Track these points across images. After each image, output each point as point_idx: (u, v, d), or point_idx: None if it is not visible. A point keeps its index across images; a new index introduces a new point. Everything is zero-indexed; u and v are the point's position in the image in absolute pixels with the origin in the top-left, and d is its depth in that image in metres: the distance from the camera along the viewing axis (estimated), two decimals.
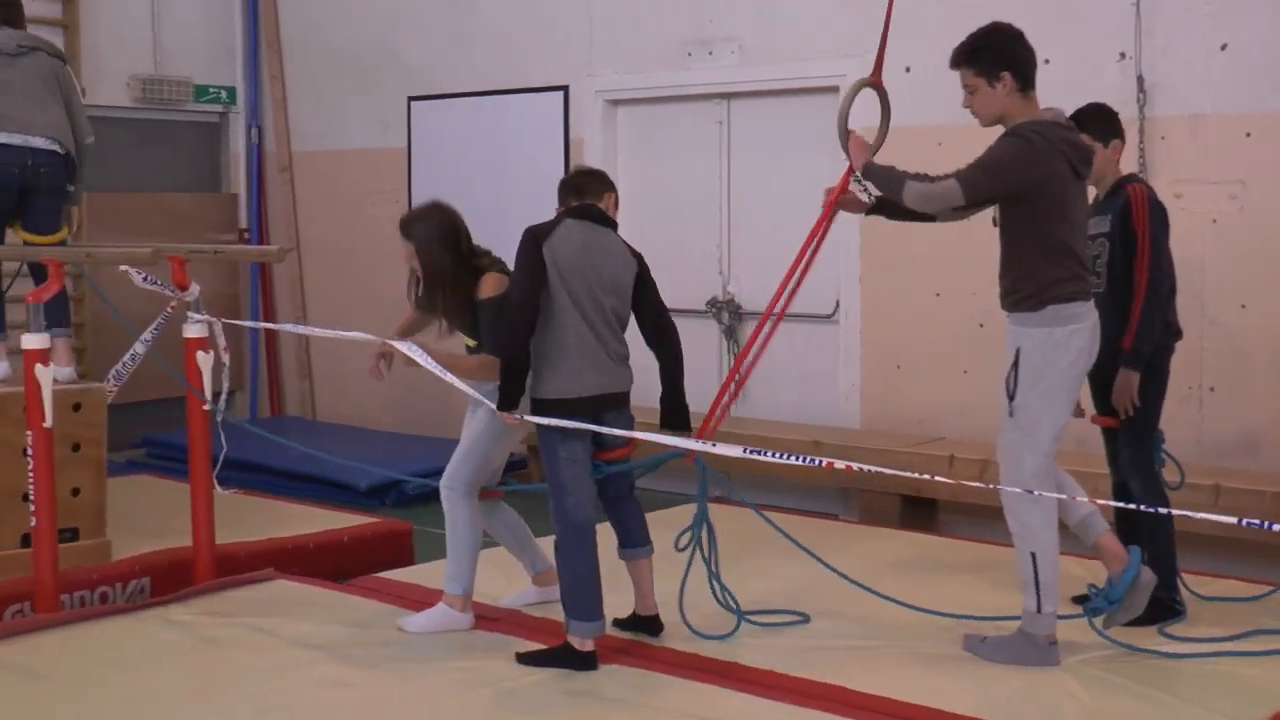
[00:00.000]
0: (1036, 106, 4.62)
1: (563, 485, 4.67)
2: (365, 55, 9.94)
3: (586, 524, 4.68)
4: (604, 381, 4.67)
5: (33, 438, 5.32)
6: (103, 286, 9.43)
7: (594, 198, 4.83)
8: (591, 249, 4.68)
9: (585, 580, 4.67)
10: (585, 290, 4.63)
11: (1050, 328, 4.51)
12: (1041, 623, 4.60)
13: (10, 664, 4.81)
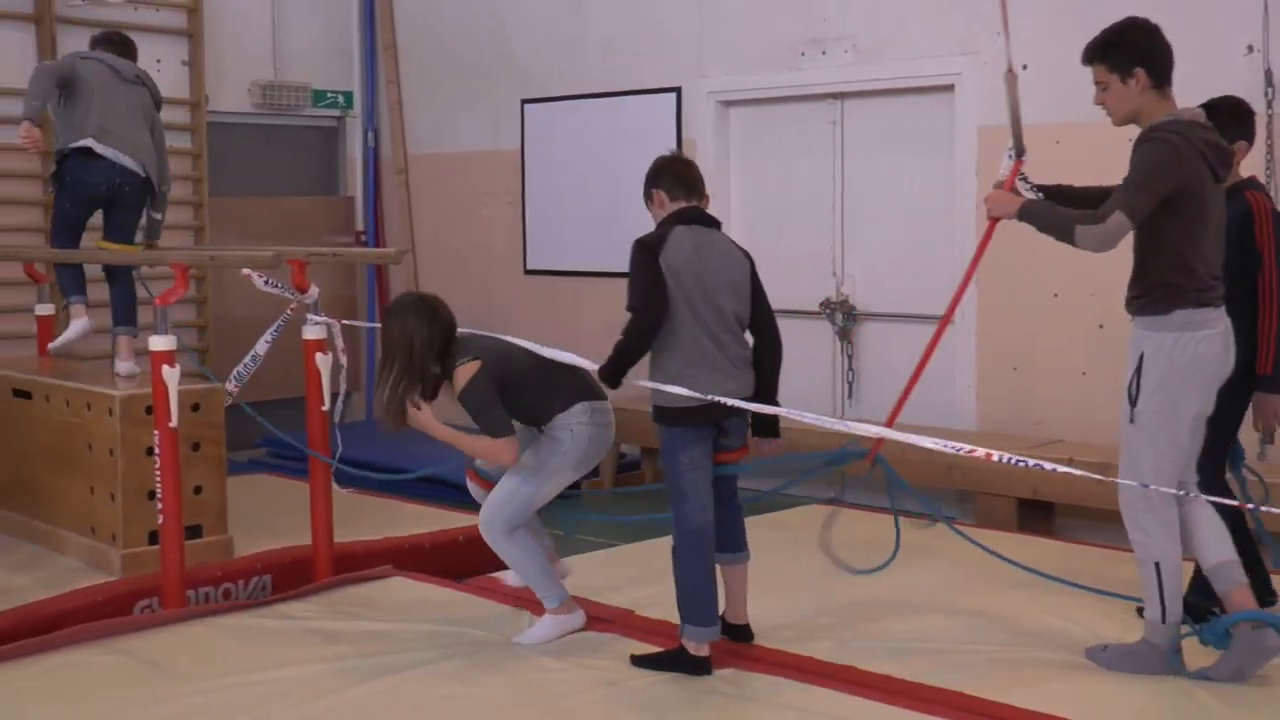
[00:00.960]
0: (1173, 105, 4.47)
1: (683, 491, 4.66)
2: (479, 58, 10.03)
3: (704, 529, 4.67)
4: (727, 387, 4.63)
5: (159, 437, 5.44)
6: (224, 288, 9.65)
7: (699, 197, 4.81)
8: (705, 253, 4.66)
9: (701, 585, 4.66)
10: (702, 297, 4.61)
11: (1179, 333, 4.38)
12: (1165, 632, 4.50)
13: (141, 657, 4.93)
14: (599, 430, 4.96)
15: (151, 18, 9.45)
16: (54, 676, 4.76)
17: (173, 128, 9.51)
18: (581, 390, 4.96)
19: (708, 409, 4.58)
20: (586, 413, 4.93)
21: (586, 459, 5.01)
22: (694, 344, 4.60)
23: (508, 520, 4.99)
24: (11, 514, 6.55)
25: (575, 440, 4.92)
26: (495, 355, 4.93)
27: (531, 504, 5.01)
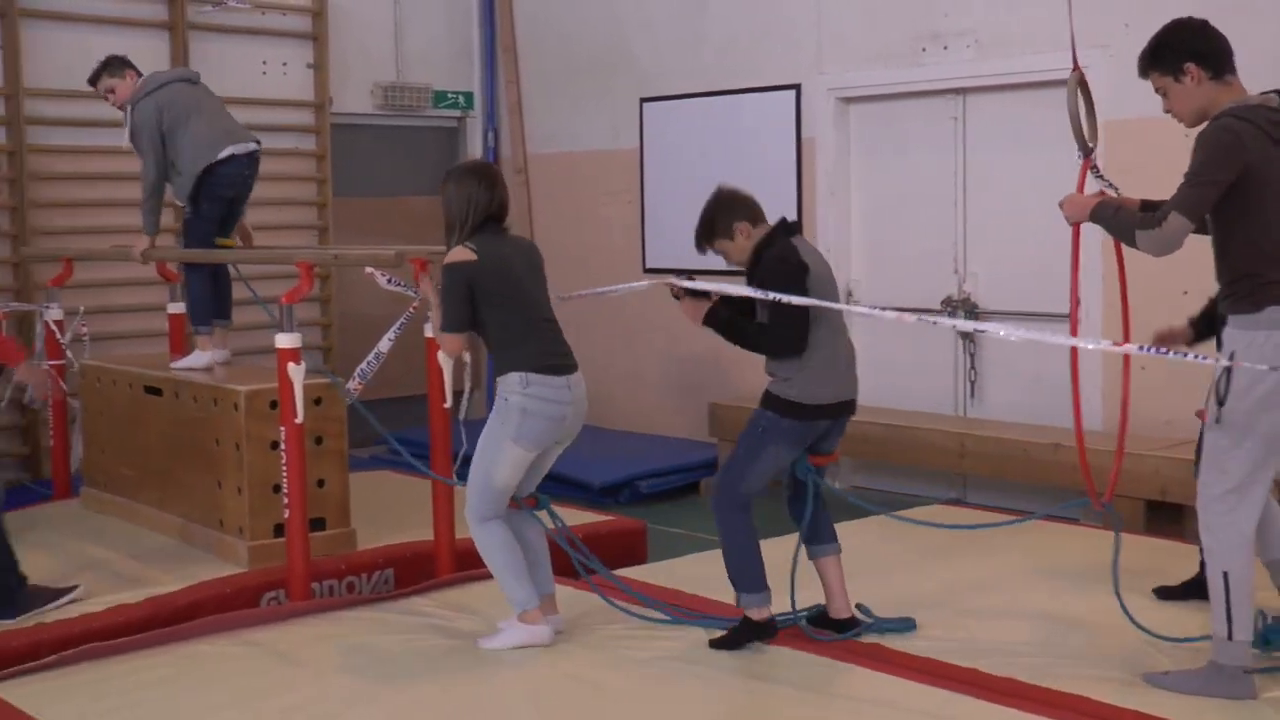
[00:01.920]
0: (1240, 92, 4.29)
1: (754, 470, 4.76)
2: (598, 58, 10.07)
3: (748, 505, 4.79)
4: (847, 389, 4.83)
5: (285, 432, 5.54)
6: (347, 287, 9.80)
7: (764, 220, 4.96)
8: (818, 258, 4.86)
9: (746, 554, 4.79)
10: (833, 299, 4.76)
11: (1270, 330, 4.16)
12: (1233, 651, 4.26)
13: (268, 648, 5.03)
14: (540, 405, 4.81)
15: (278, 22, 9.63)
16: (187, 665, 4.88)
17: (296, 129, 9.74)
18: (531, 360, 4.83)
19: (827, 409, 4.77)
20: (521, 384, 4.82)
21: (526, 434, 4.83)
22: (830, 343, 4.79)
23: (478, 504, 4.94)
24: (144, 506, 6.70)
25: (509, 409, 4.83)
26: (493, 265, 4.85)
27: (491, 483, 4.89)
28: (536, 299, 4.97)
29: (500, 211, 4.99)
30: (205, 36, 9.25)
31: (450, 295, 4.84)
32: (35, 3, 8.59)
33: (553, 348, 4.92)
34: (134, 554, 6.22)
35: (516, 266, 4.93)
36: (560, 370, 4.89)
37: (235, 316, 9.04)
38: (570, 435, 5.03)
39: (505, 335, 4.88)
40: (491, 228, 4.95)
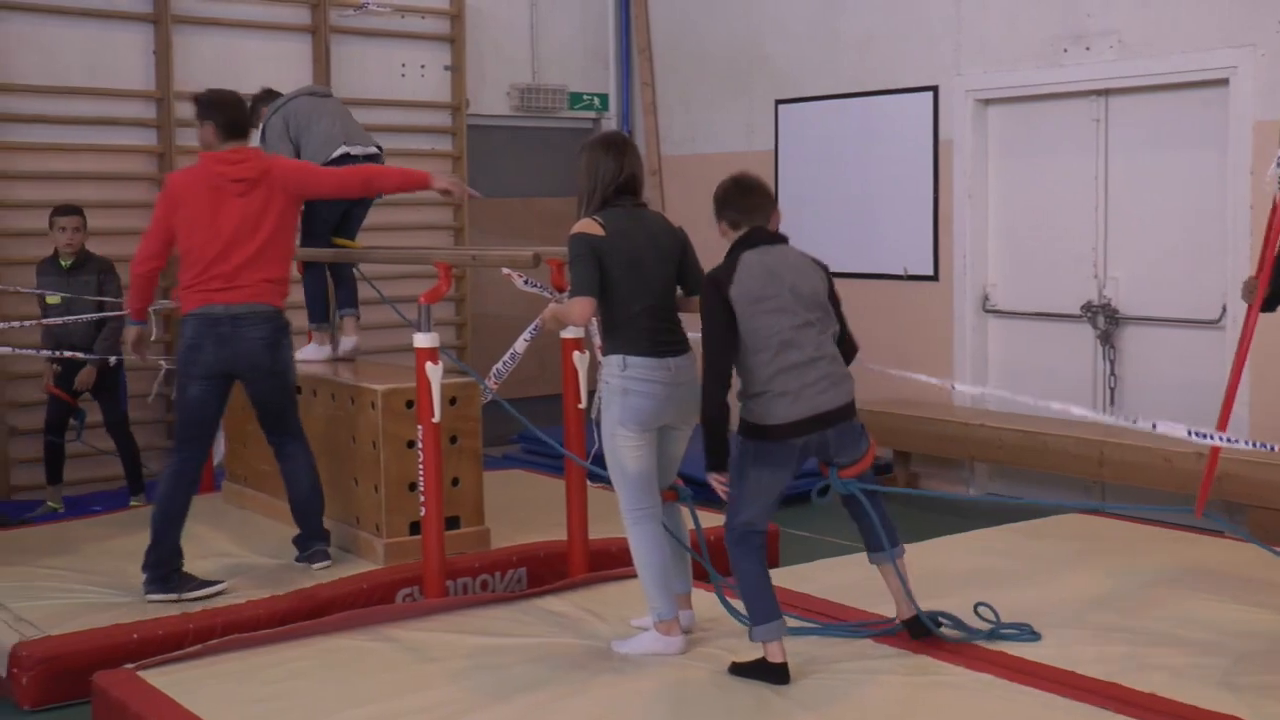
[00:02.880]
0: None
1: (744, 498, 4.63)
2: (734, 59, 10.05)
3: (748, 536, 4.65)
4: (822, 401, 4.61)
5: (422, 431, 5.61)
6: (482, 287, 9.91)
7: (763, 218, 4.75)
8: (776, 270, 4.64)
9: (755, 584, 4.65)
10: (778, 318, 4.57)
11: None
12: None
13: (404, 645, 5.10)
14: (638, 385, 4.79)
15: (417, 25, 9.77)
16: (326, 658, 4.97)
17: (434, 131, 9.87)
18: (631, 344, 4.80)
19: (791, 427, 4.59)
20: (620, 366, 4.82)
21: (630, 415, 4.81)
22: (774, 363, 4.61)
23: (622, 497, 4.93)
24: (283, 502, 6.80)
25: (611, 393, 4.84)
26: (616, 244, 4.80)
27: (623, 471, 4.88)
28: (653, 284, 4.87)
29: (630, 183, 4.92)
30: (346, 40, 9.42)
31: (578, 261, 4.78)
32: (186, 9, 8.81)
33: (656, 332, 4.85)
34: (273, 549, 6.34)
35: (641, 248, 4.86)
36: (661, 353, 4.83)
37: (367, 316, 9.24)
38: (685, 418, 4.95)
39: (613, 317, 4.86)
40: (624, 202, 4.90)
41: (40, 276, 7.66)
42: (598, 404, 5.70)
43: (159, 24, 8.69)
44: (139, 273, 5.96)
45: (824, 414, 4.60)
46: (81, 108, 8.51)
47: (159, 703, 4.51)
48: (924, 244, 8.82)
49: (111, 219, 8.47)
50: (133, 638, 5.19)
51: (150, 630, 5.25)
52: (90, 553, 6.46)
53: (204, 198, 5.77)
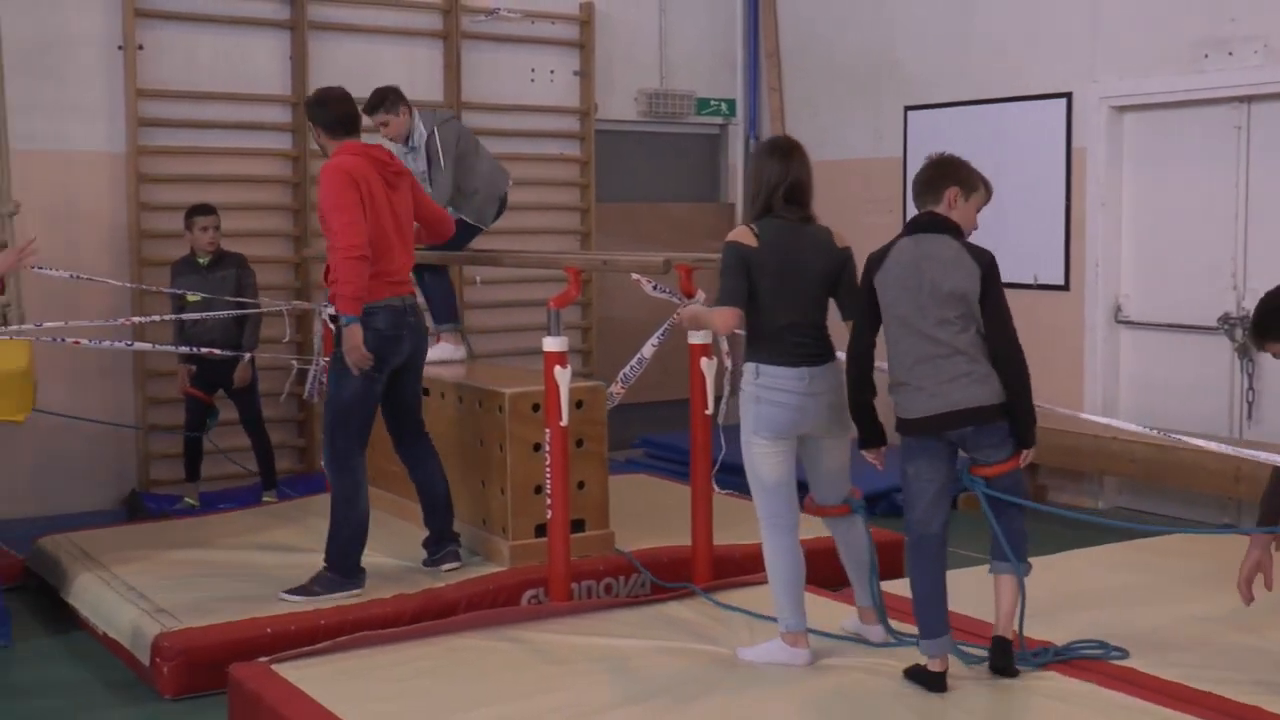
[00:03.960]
0: None
1: (909, 499, 4.65)
2: (862, 64, 9.98)
3: (922, 541, 4.62)
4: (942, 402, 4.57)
5: (550, 435, 5.65)
6: (608, 292, 9.95)
7: (932, 201, 4.70)
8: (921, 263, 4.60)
9: (923, 596, 4.63)
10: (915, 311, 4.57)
11: None
12: None
13: (529, 646, 5.14)
14: (771, 394, 4.77)
15: (547, 30, 9.84)
16: (452, 658, 5.03)
17: (562, 136, 9.94)
18: (768, 353, 4.79)
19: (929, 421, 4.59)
20: (753, 374, 4.82)
21: (763, 424, 4.78)
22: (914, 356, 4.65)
23: (759, 504, 4.90)
24: (411, 503, 6.89)
25: (745, 400, 4.85)
26: (769, 255, 4.78)
27: (759, 480, 4.84)
28: (801, 300, 4.84)
29: (795, 190, 4.88)
30: (476, 45, 9.52)
31: (727, 271, 4.80)
32: (322, 16, 8.97)
33: (797, 345, 4.82)
34: (402, 548, 6.42)
35: (795, 263, 4.83)
36: (796, 363, 4.80)
37: (492, 319, 9.34)
38: (824, 429, 4.91)
39: (756, 327, 4.87)
40: (790, 212, 4.88)
41: (177, 276, 7.84)
42: (725, 409, 5.72)
43: (296, 30, 8.86)
44: (358, 263, 5.60)
45: (961, 411, 4.56)
46: (220, 112, 8.70)
47: (292, 696, 4.60)
48: (1055, 253, 8.68)
49: (247, 221, 8.67)
50: (266, 632, 5.31)
51: (283, 625, 5.36)
52: (226, 547, 6.61)
53: (377, 185, 5.82)
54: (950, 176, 4.72)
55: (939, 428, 4.58)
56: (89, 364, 8.18)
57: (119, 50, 8.34)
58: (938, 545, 4.64)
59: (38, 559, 6.68)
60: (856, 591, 5.15)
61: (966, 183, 4.73)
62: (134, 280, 8.18)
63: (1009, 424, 4.62)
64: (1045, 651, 4.86)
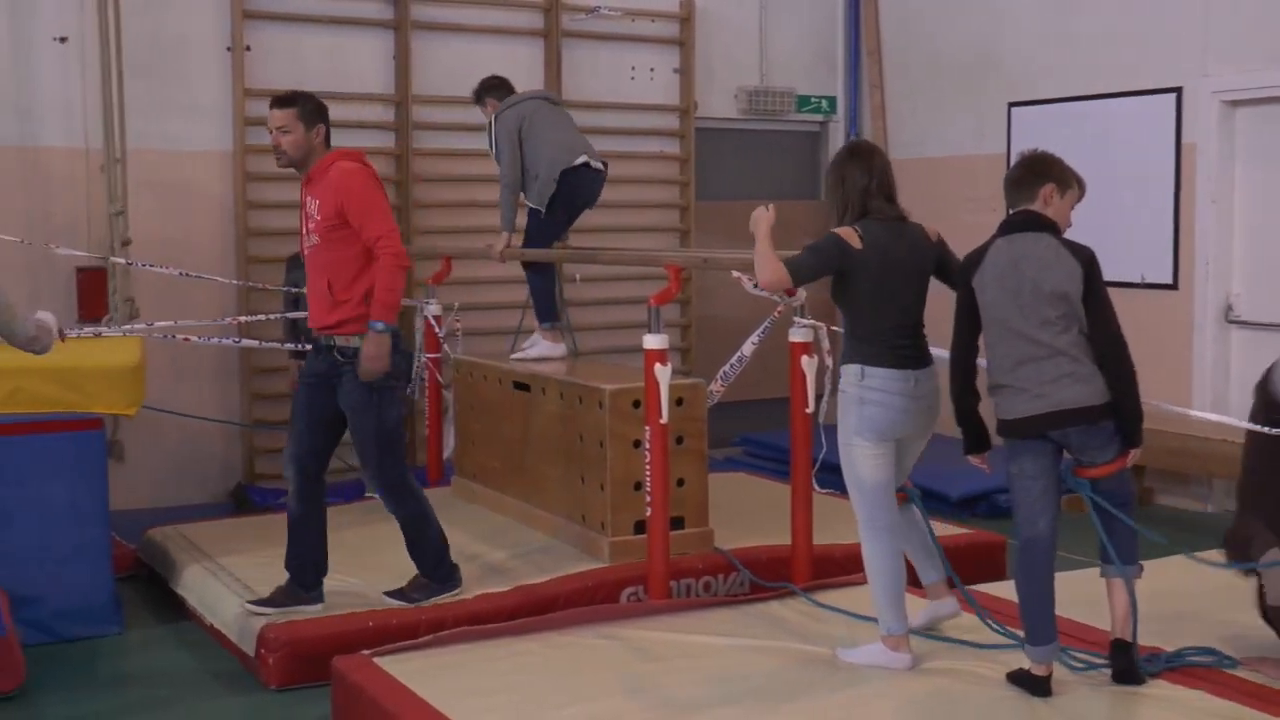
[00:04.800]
0: None
1: (1015, 500, 4.59)
2: (965, 61, 9.88)
3: (1029, 544, 4.55)
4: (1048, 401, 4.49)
5: (649, 432, 5.65)
6: (706, 290, 9.94)
7: (1027, 199, 4.62)
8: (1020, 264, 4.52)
9: (1030, 600, 4.56)
10: (1017, 311, 4.50)
11: None
12: None
13: (628, 644, 5.15)
14: (876, 395, 4.74)
15: (647, 28, 9.85)
16: (552, 654, 5.05)
17: (662, 134, 9.94)
18: (872, 355, 4.76)
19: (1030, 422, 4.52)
20: (858, 376, 4.77)
21: (866, 426, 4.75)
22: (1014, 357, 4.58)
23: (857, 505, 4.86)
24: (510, 498, 6.97)
25: (848, 402, 4.81)
26: (872, 258, 4.74)
27: (859, 481, 4.80)
28: (903, 299, 4.83)
29: (884, 189, 4.86)
30: (577, 44, 9.56)
31: (817, 251, 4.75)
32: (425, 16, 9.05)
33: (900, 346, 4.79)
34: (501, 544, 6.47)
35: (897, 264, 4.80)
36: (901, 365, 4.77)
37: (592, 317, 9.37)
38: (923, 430, 4.90)
39: (858, 325, 4.83)
40: (886, 212, 4.85)
41: (289, 273, 7.96)
42: (823, 408, 5.69)
43: (399, 30, 8.95)
44: (403, 272, 5.48)
45: (1064, 411, 4.48)
46: None
47: (393, 688, 4.65)
48: (1163, 251, 8.52)
49: None
50: (368, 625, 5.37)
51: (385, 618, 5.43)
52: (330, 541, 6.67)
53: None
54: (1045, 174, 4.66)
55: (1042, 428, 4.51)
56: (198, 361, 8.33)
57: (228, 51, 8.48)
58: (1045, 547, 4.57)
59: (148, 550, 6.82)
60: (921, 572, 5.12)
61: (1061, 179, 4.67)
62: (241, 277, 8.32)
63: (1114, 424, 4.54)
64: (1156, 658, 4.76)
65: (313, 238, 5.54)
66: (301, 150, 5.54)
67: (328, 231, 5.48)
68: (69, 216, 8.05)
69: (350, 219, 5.43)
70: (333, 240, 5.49)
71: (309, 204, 5.56)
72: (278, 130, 5.56)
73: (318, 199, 5.50)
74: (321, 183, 5.51)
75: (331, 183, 5.48)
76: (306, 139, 5.54)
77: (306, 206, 5.59)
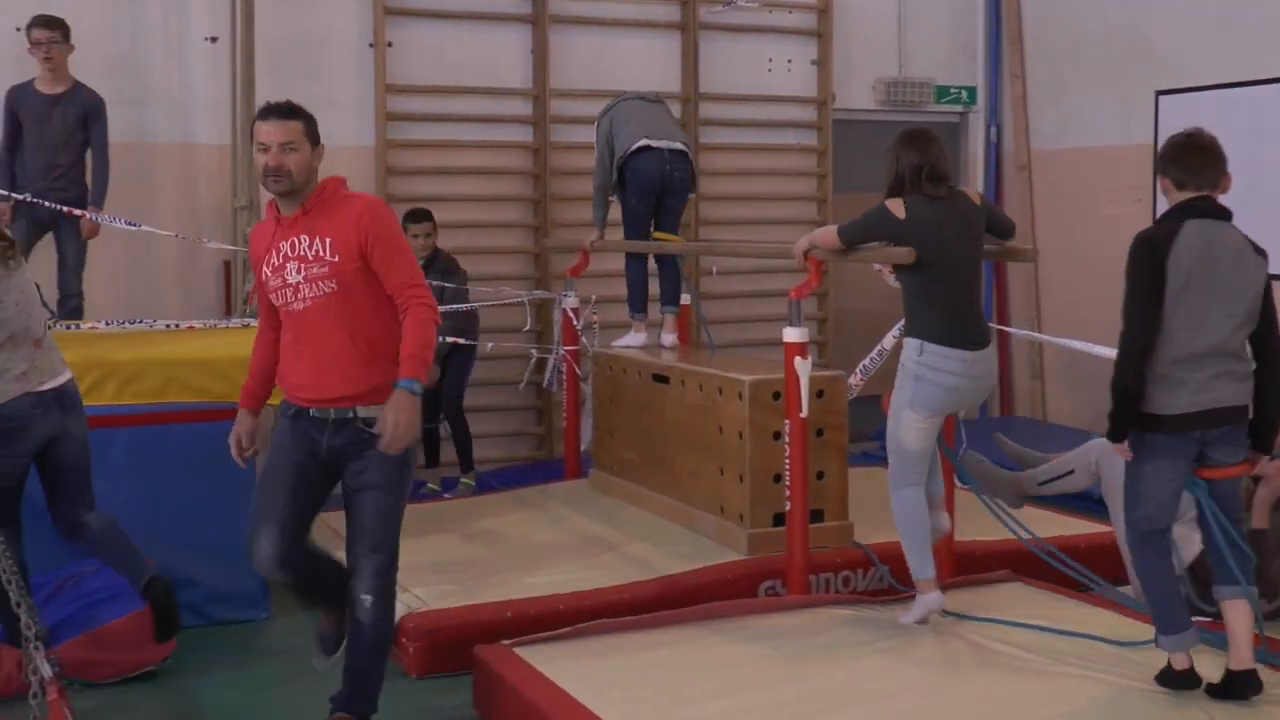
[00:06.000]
0: None
1: (1137, 494, 4.41)
2: (1110, 48, 9.65)
3: (1157, 534, 4.40)
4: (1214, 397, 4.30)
5: (789, 425, 5.62)
6: (845, 283, 9.87)
7: (1210, 185, 4.35)
8: (1214, 251, 4.29)
9: (1160, 591, 4.42)
10: (1205, 300, 4.26)
11: None
12: None
13: (767, 639, 5.12)
14: (932, 374, 4.99)
15: (784, 20, 9.79)
16: (689, 647, 5.04)
17: (799, 125, 9.88)
18: (931, 330, 5.00)
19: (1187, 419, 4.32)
20: (916, 351, 5.01)
21: (920, 400, 5.03)
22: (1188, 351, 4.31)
23: (894, 469, 5.17)
24: (647, 490, 6.98)
25: (905, 375, 5.07)
26: (916, 229, 5.02)
27: (902, 448, 5.12)
28: (960, 270, 5.04)
29: (935, 172, 5.11)
30: (714, 36, 9.54)
31: (865, 217, 5.20)
32: (563, 10, 9.10)
33: (958, 320, 4.96)
34: (638, 535, 6.48)
35: (945, 233, 5.01)
36: (961, 344, 4.96)
37: (729, 310, 9.35)
38: (974, 404, 5.29)
39: (914, 299, 5.03)
40: (930, 188, 5.08)
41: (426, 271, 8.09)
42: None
43: (537, 24, 9.02)
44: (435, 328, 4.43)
45: (1222, 410, 4.31)
46: (463, 106, 8.91)
47: (534, 679, 4.68)
48: None
49: (488, 212, 8.89)
50: (507, 615, 5.41)
51: (524, 609, 5.46)
52: (468, 531, 6.76)
53: None
54: (1225, 161, 4.42)
55: (1198, 426, 4.30)
56: None
57: (369, 48, 8.61)
58: (1166, 538, 4.44)
59: None
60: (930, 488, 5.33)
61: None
62: None
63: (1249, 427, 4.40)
64: None
65: (321, 286, 4.38)
66: (305, 175, 4.43)
67: (350, 275, 4.37)
68: (217, 211, 8.24)
69: (375, 261, 4.37)
70: (354, 286, 4.39)
71: (304, 244, 4.39)
72: (280, 147, 4.38)
73: (328, 236, 4.38)
74: (333, 217, 4.41)
75: (354, 218, 4.39)
76: (311, 161, 4.46)
77: (297, 248, 4.40)
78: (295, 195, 4.43)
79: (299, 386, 4.48)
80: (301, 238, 4.40)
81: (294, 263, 4.40)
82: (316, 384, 4.43)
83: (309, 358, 4.43)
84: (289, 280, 4.41)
